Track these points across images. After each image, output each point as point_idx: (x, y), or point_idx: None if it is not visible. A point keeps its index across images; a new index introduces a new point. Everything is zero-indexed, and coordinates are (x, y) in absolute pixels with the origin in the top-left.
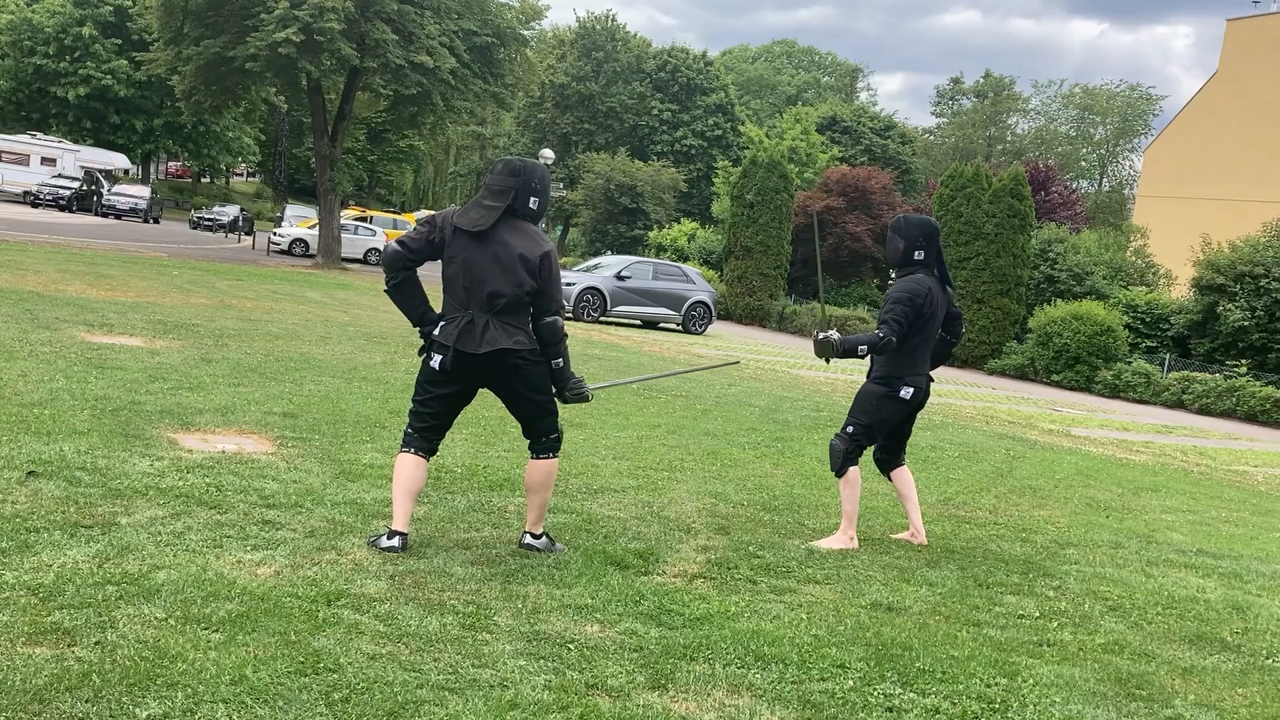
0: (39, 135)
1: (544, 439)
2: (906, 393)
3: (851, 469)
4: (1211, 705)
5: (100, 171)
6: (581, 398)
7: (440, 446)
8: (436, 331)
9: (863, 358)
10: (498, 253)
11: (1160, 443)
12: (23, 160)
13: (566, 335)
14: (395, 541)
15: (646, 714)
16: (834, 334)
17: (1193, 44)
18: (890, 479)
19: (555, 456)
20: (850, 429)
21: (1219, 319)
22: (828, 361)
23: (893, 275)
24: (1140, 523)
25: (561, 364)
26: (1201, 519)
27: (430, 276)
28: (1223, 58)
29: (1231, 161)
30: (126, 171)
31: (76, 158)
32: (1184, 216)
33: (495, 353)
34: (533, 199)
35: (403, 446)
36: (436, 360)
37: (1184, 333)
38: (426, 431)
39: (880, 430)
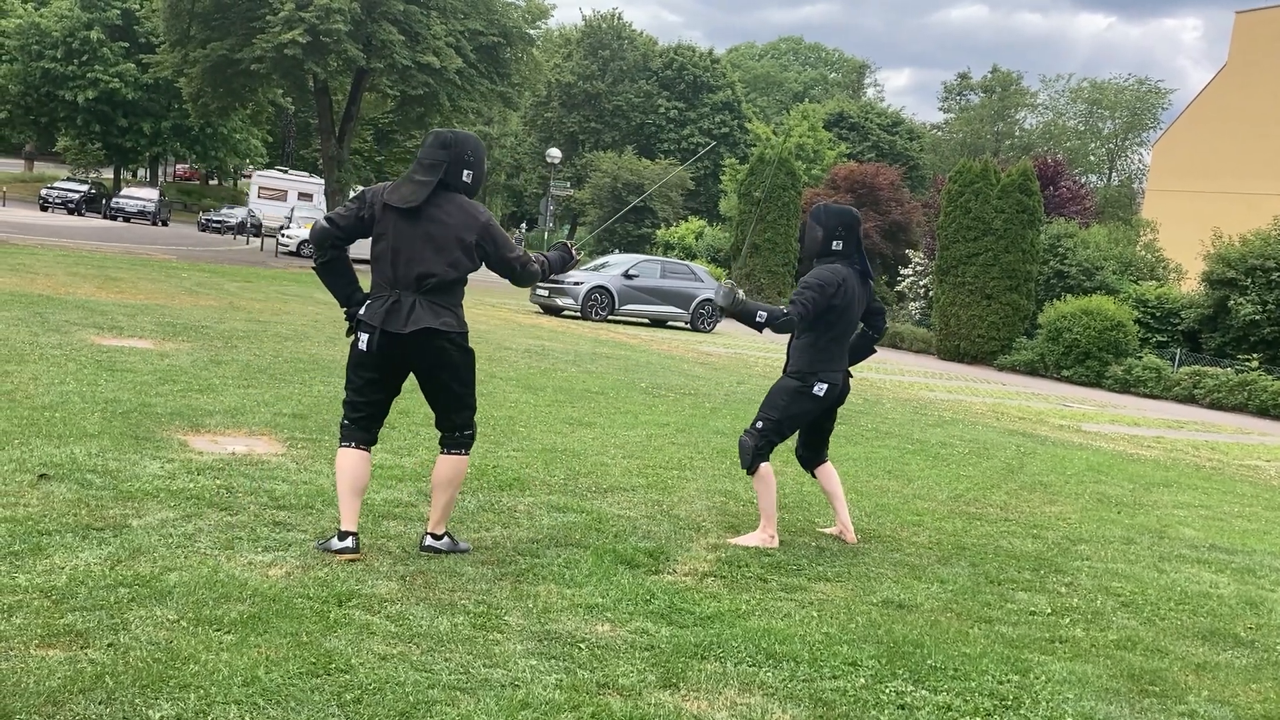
0: (290, 171)
1: (457, 434)
2: (820, 389)
3: (763, 465)
4: (1225, 701)
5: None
6: (569, 265)
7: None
8: (363, 311)
9: (759, 329)
10: (431, 231)
11: (1171, 438)
12: (280, 196)
13: (548, 276)
14: (348, 542)
15: (658, 713)
16: (739, 292)
17: (1201, 36)
18: (815, 477)
19: (466, 454)
20: (760, 424)
21: (1230, 313)
22: (722, 313)
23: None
24: (1152, 518)
25: (555, 270)
26: (1214, 514)
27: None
28: (1232, 50)
29: (1242, 154)
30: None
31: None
32: (1194, 210)
33: (420, 332)
34: (465, 171)
35: (341, 442)
36: (364, 340)
37: (1195, 327)
38: (363, 421)
39: (791, 426)
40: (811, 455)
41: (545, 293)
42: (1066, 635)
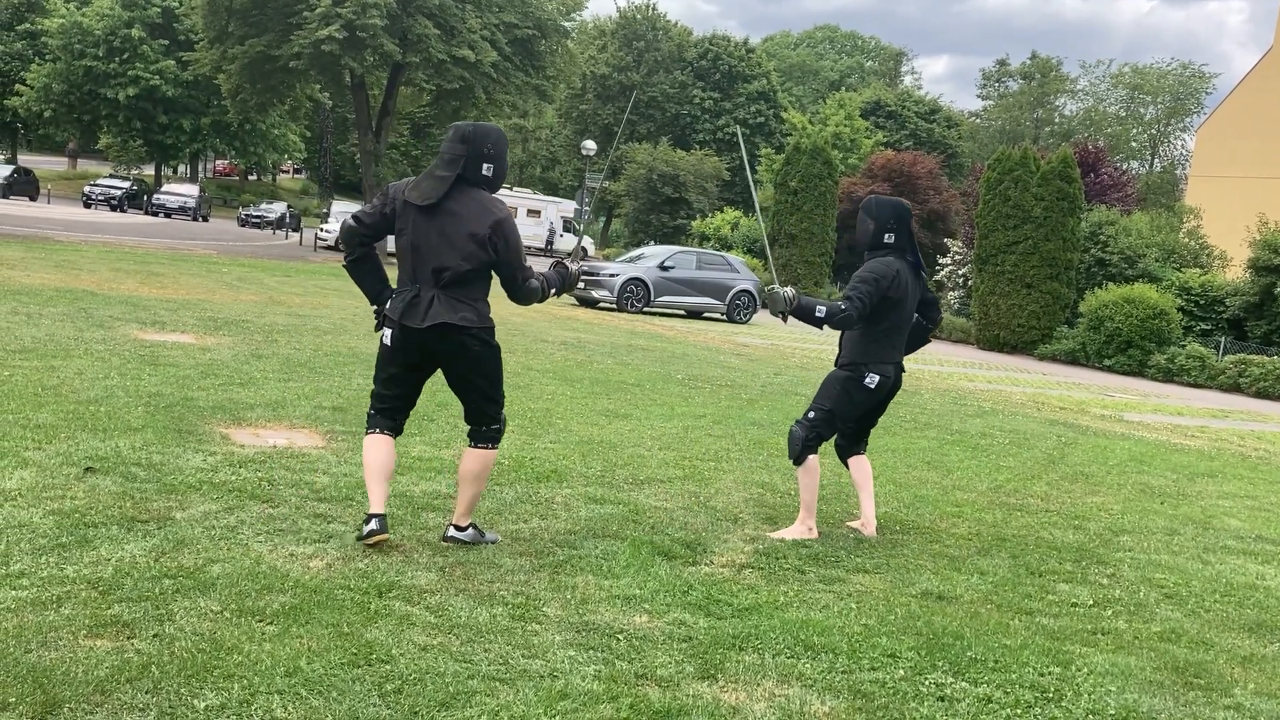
0: (514, 189)
1: (485, 428)
2: (872, 380)
3: (811, 457)
4: (1272, 695)
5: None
6: (569, 282)
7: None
8: (387, 307)
9: (819, 325)
10: (444, 225)
11: (1216, 427)
12: (536, 213)
13: (548, 296)
14: (373, 524)
15: (696, 704)
16: (789, 290)
17: (1247, 19)
18: (847, 466)
19: (494, 448)
20: (812, 415)
21: (1277, 300)
22: (784, 319)
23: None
24: (1196, 509)
25: (555, 289)
26: (1259, 504)
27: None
28: (1278, 33)
29: None
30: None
31: (558, 209)
32: (1239, 196)
33: (438, 327)
34: (485, 165)
35: (367, 428)
36: (387, 335)
37: (1240, 315)
38: (388, 411)
39: (844, 418)
40: (848, 445)
41: (581, 284)
42: (1109, 627)
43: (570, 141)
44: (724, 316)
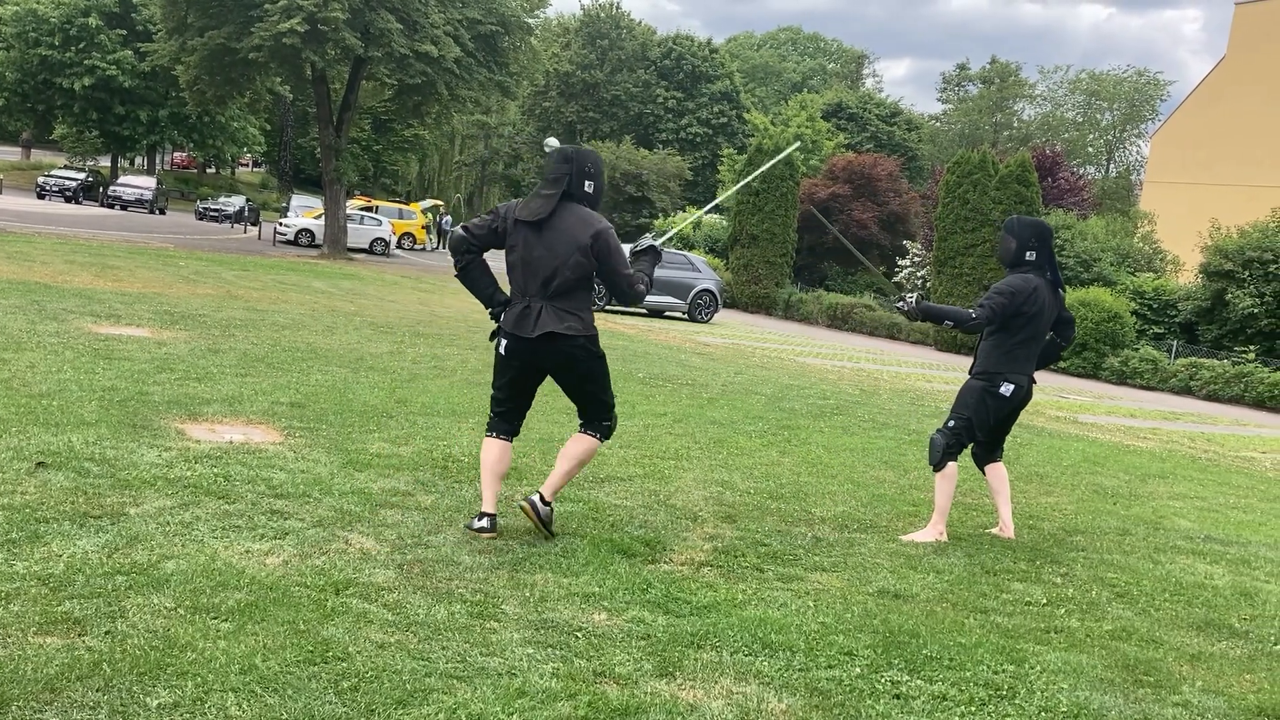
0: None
1: (599, 422)
2: (1007, 389)
3: (950, 464)
4: (1219, 691)
5: None
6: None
7: (449, 436)
8: (502, 318)
9: (949, 328)
10: (552, 239)
11: (1167, 429)
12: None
13: (647, 291)
14: (484, 522)
15: (654, 702)
16: (912, 297)
17: (1201, 28)
18: (984, 474)
19: (601, 439)
20: (952, 424)
21: (1227, 305)
22: (913, 320)
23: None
24: (1147, 509)
25: (649, 279)
26: (1209, 505)
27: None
28: (1231, 42)
29: (1240, 146)
30: None
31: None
32: (1192, 202)
33: (546, 336)
34: (587, 182)
35: (486, 432)
36: (502, 345)
37: (1192, 319)
38: (504, 415)
39: (981, 426)
40: (984, 454)
41: None
42: (1061, 625)
43: (533, 139)
44: (685, 315)
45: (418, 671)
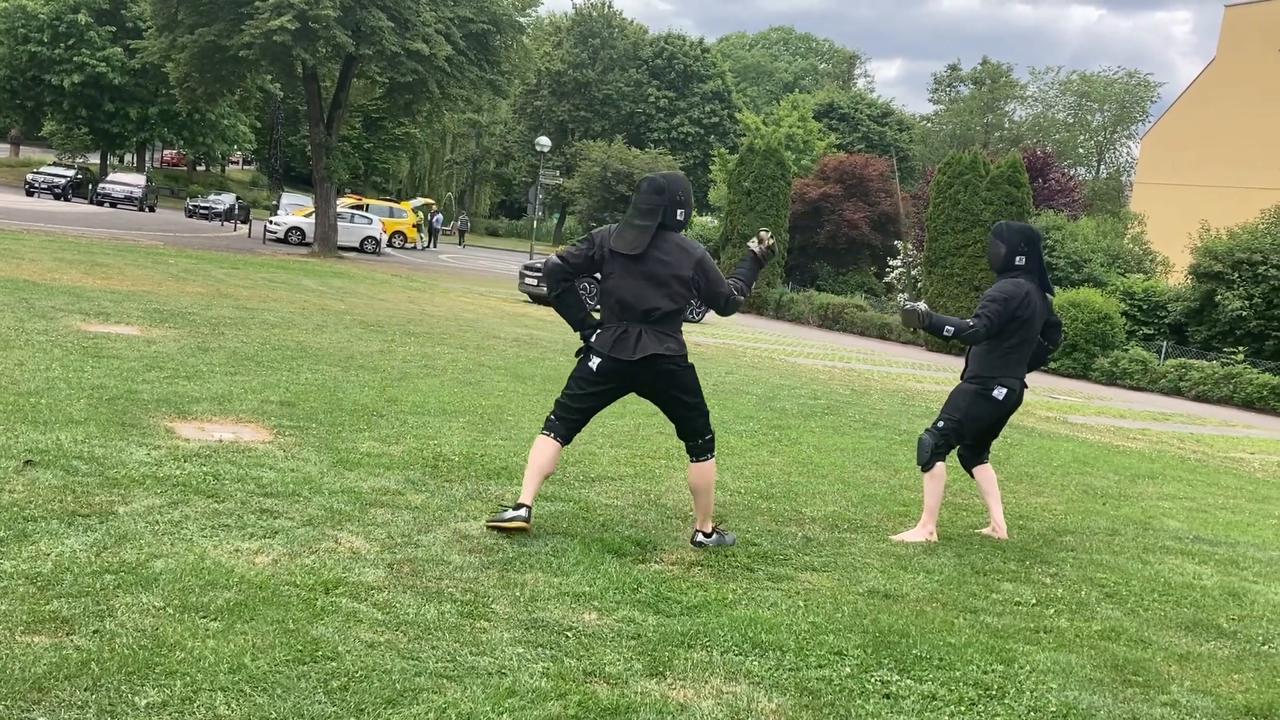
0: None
1: (699, 440)
2: (999, 393)
3: (938, 464)
4: (1207, 691)
5: None
6: (767, 260)
7: (439, 435)
8: (594, 339)
9: (947, 339)
10: (654, 271)
11: (1157, 430)
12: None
13: (745, 297)
14: (520, 512)
15: (644, 701)
16: (921, 305)
17: (1191, 30)
18: (972, 475)
19: (711, 457)
20: (941, 424)
21: (1217, 306)
22: (914, 331)
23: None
24: (1137, 510)
25: (745, 284)
26: (1198, 506)
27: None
28: (1221, 44)
29: (1229, 148)
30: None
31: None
32: (1182, 203)
33: (648, 358)
34: (679, 211)
35: (544, 430)
36: (595, 363)
37: (1181, 320)
38: (569, 422)
39: (971, 428)
40: (971, 455)
41: (534, 281)
42: (1051, 625)
43: (524, 137)
44: None
45: (407, 671)
